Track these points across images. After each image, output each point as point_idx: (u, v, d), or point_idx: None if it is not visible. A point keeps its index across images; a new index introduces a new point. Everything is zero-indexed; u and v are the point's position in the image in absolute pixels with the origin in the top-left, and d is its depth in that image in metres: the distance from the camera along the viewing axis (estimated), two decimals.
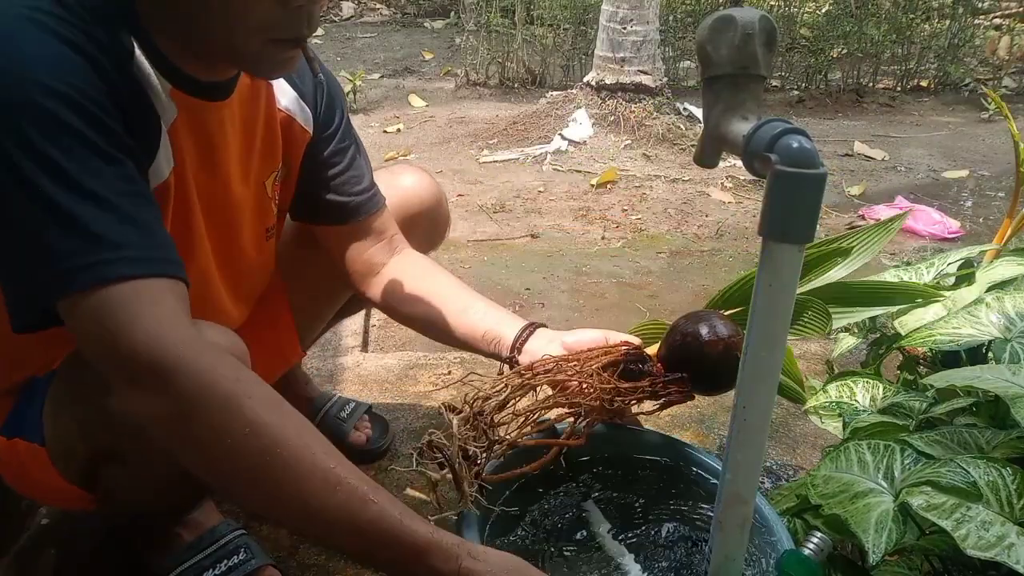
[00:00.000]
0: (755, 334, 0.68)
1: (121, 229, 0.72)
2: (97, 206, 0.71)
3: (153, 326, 0.70)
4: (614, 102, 4.17)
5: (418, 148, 4.11)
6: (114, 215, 0.72)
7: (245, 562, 1.06)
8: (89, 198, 0.71)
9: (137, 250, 0.72)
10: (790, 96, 5.35)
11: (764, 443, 0.73)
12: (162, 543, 1.08)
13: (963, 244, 2.94)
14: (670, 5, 5.61)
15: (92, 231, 0.70)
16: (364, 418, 1.43)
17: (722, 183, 3.58)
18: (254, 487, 0.73)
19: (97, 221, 0.71)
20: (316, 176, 1.09)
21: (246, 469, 0.72)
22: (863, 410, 1.11)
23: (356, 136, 1.15)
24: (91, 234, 0.70)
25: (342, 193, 1.11)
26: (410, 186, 1.25)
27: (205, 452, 0.73)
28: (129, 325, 0.70)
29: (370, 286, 1.16)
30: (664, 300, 2.43)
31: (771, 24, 0.70)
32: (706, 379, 0.95)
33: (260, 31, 0.79)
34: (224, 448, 0.71)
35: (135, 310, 0.70)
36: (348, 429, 1.40)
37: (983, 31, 5.93)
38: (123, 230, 0.72)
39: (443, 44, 6.84)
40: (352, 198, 1.11)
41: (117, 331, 0.70)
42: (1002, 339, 1.03)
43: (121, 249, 0.71)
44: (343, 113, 1.12)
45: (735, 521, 0.76)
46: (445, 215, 1.32)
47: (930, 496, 0.77)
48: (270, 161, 1.02)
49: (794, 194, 0.63)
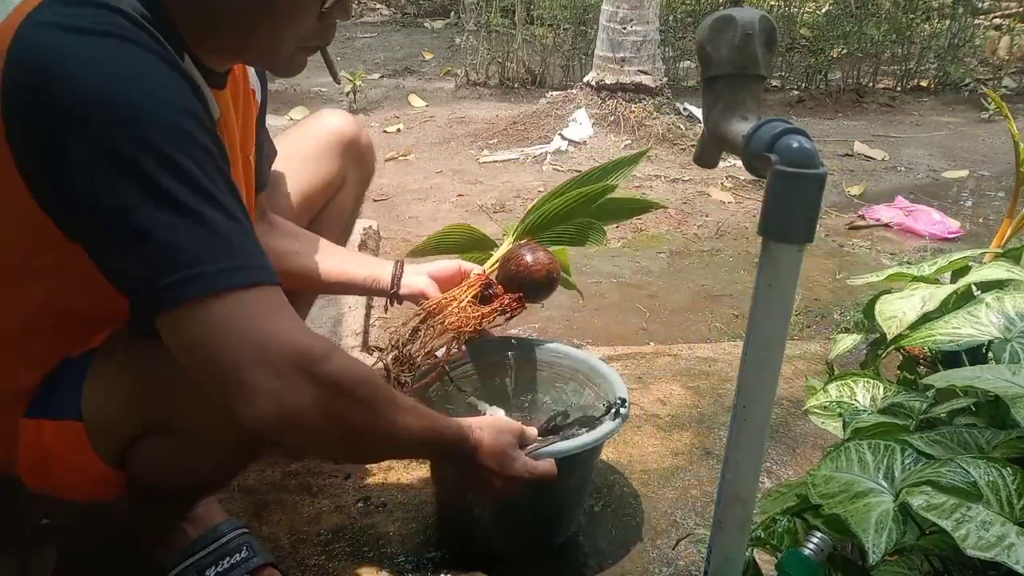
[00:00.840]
0: (755, 334, 0.68)
1: (250, 240, 0.79)
2: (228, 217, 0.76)
3: (294, 325, 0.79)
4: (614, 102, 4.16)
5: (418, 148, 4.11)
6: (240, 226, 0.78)
7: (246, 560, 1.09)
8: (221, 210, 0.76)
9: (261, 259, 0.79)
10: (790, 96, 5.35)
11: (764, 443, 0.73)
12: (165, 539, 1.10)
13: (963, 244, 2.94)
14: (670, 5, 5.61)
15: (229, 239, 0.76)
16: None
17: (722, 183, 3.58)
18: (382, 440, 0.89)
19: (229, 231, 0.76)
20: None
21: (382, 428, 0.87)
22: (863, 410, 1.11)
23: (262, 116, 1.21)
24: (227, 242, 0.76)
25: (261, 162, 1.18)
26: (333, 125, 1.39)
27: (355, 425, 0.84)
28: (277, 324, 0.77)
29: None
30: (664, 300, 2.43)
31: (771, 24, 0.70)
32: (535, 294, 1.29)
33: (297, 41, 0.88)
34: (369, 419, 0.84)
35: (277, 312, 0.78)
36: None
37: (983, 31, 5.93)
38: (250, 241, 0.79)
39: (443, 44, 6.84)
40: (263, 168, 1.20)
41: (268, 328, 0.76)
42: (1002, 339, 1.03)
43: (252, 258, 0.78)
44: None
45: (735, 521, 0.77)
46: (368, 142, 1.45)
47: (930, 496, 0.77)
48: (251, 135, 1.10)
49: (794, 194, 0.63)
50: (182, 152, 0.74)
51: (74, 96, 0.71)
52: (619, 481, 1.39)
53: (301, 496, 1.33)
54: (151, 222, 0.72)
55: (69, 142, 0.72)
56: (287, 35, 0.86)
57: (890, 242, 2.99)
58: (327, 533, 1.25)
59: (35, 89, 0.72)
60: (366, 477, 1.38)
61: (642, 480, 1.40)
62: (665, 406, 1.63)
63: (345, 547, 1.22)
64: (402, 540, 1.24)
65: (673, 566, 1.20)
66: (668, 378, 1.75)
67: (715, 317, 2.34)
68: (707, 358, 1.84)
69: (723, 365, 1.81)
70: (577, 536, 1.26)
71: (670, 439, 1.52)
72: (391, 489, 1.35)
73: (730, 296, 2.49)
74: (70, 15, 0.74)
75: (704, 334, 2.24)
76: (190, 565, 1.08)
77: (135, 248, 0.74)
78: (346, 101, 4.84)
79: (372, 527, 1.26)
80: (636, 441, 1.51)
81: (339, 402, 0.80)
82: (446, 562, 1.20)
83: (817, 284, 2.57)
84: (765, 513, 0.98)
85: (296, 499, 1.32)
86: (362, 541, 1.24)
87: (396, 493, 1.34)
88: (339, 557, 1.20)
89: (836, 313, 2.35)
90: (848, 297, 2.45)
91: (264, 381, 0.75)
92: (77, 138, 0.72)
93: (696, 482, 1.40)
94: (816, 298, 2.47)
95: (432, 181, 3.57)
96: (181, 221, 0.73)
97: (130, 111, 0.72)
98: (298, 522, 1.27)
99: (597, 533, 1.27)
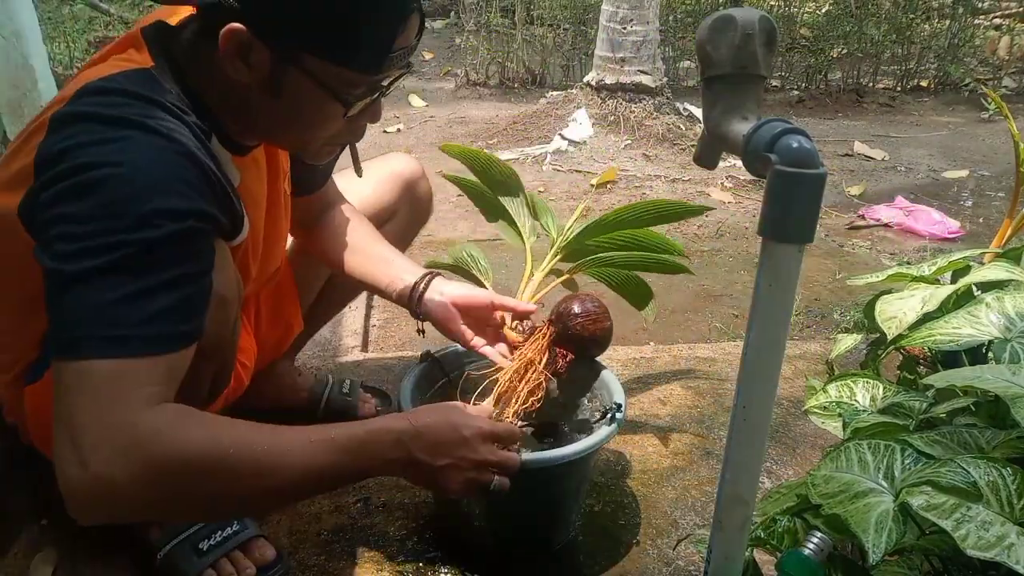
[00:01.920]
0: (755, 334, 0.68)
1: (145, 310, 0.76)
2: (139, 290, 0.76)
3: (135, 402, 0.74)
4: (614, 102, 4.17)
5: (418, 148, 4.11)
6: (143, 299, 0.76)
7: (237, 533, 1.14)
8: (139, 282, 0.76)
9: (146, 328, 0.76)
10: (790, 96, 5.35)
11: (764, 443, 0.73)
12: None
13: (963, 244, 2.94)
14: (670, 5, 5.61)
15: (116, 308, 0.75)
16: (362, 392, 1.56)
17: (722, 183, 3.58)
18: (260, 497, 0.83)
19: (120, 301, 0.75)
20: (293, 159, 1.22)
21: (248, 490, 0.80)
22: (863, 410, 1.11)
23: None
24: (112, 310, 0.74)
25: (309, 170, 1.24)
26: (397, 166, 1.47)
27: (198, 494, 0.78)
28: (113, 403, 0.73)
29: (304, 233, 1.33)
30: (664, 300, 2.43)
31: (771, 24, 0.70)
32: (587, 354, 1.24)
33: (326, 140, 0.98)
34: (218, 486, 0.78)
35: (123, 388, 0.74)
36: (356, 403, 1.52)
37: (983, 31, 5.94)
38: (144, 311, 0.76)
39: (443, 44, 6.84)
40: (314, 175, 1.27)
41: (103, 405, 0.73)
42: (1002, 339, 1.03)
43: (118, 327, 0.75)
44: None
45: (735, 521, 0.76)
46: (427, 188, 1.51)
47: (930, 496, 0.77)
48: (284, 166, 1.16)
49: (794, 194, 0.63)
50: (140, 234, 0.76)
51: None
52: (619, 481, 1.39)
53: None
54: (74, 279, 0.75)
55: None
56: (315, 136, 0.96)
57: (890, 242, 2.99)
58: (327, 533, 1.25)
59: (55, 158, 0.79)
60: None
61: (642, 480, 1.40)
62: (665, 406, 1.63)
63: (345, 547, 1.22)
64: (402, 540, 1.24)
65: (673, 566, 1.20)
66: (668, 378, 1.75)
67: (715, 317, 2.34)
68: (707, 358, 1.84)
69: (723, 365, 1.81)
70: (577, 536, 1.26)
71: (670, 439, 1.52)
72: (391, 489, 1.35)
73: (730, 296, 2.50)
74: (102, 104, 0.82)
75: (704, 334, 2.24)
76: (183, 540, 1.12)
77: (57, 297, 0.76)
78: None
79: (372, 527, 1.26)
80: (636, 441, 1.51)
81: (166, 481, 0.75)
82: (446, 563, 1.20)
83: (817, 284, 2.58)
84: (765, 513, 0.98)
85: None
86: (362, 541, 1.24)
87: (396, 493, 1.34)
88: (339, 557, 1.20)
89: (836, 313, 2.35)
90: (848, 297, 2.45)
91: (80, 454, 0.73)
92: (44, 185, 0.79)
93: (696, 482, 1.40)
94: (816, 298, 2.47)
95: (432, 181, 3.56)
96: (91, 286, 0.75)
97: (114, 194, 0.76)
98: (298, 522, 1.27)
99: (597, 533, 1.27)
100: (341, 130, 0.96)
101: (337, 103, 0.90)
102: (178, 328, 0.78)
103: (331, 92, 0.88)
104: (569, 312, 1.20)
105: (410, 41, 0.91)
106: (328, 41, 0.85)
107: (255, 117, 0.93)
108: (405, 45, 0.90)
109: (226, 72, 0.87)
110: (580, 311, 1.20)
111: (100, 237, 0.75)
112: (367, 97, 0.93)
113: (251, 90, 0.89)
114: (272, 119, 0.93)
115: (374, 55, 0.88)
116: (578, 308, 1.20)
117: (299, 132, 0.95)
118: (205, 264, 0.83)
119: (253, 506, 0.95)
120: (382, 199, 1.42)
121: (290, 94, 0.88)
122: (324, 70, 0.86)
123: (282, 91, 0.88)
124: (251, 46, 0.84)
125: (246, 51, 0.84)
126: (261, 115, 0.92)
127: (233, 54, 0.84)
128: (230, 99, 0.92)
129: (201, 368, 0.96)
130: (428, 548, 1.22)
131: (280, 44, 0.84)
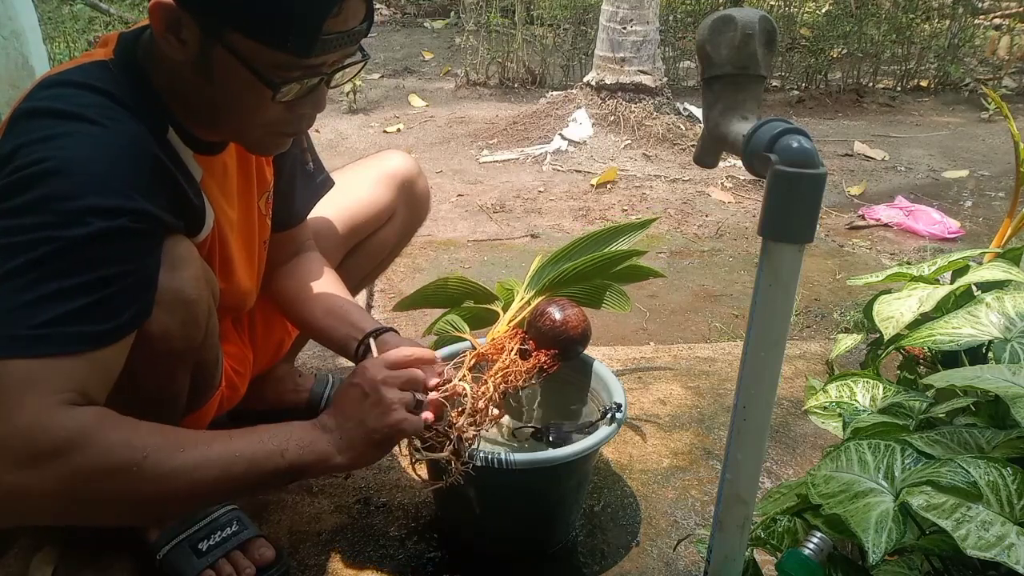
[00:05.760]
0: (755, 334, 0.68)
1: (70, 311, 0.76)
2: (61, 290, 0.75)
3: (43, 405, 0.74)
4: (614, 102, 4.17)
5: (418, 148, 4.11)
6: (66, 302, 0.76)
7: (237, 534, 1.14)
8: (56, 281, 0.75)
9: (63, 326, 0.75)
10: (790, 96, 5.35)
11: (764, 443, 0.73)
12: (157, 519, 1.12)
13: (963, 244, 2.94)
14: (670, 5, 5.61)
15: (36, 307, 0.74)
16: None
17: (722, 183, 3.58)
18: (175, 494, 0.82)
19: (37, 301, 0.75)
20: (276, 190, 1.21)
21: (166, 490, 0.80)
22: (863, 410, 1.11)
23: (296, 155, 1.23)
24: (29, 309, 0.74)
25: (284, 203, 1.24)
26: (393, 166, 1.44)
27: (112, 497, 0.78)
28: (23, 405, 0.73)
29: (269, 272, 1.27)
30: (664, 300, 2.43)
31: (771, 24, 0.70)
32: (570, 351, 1.23)
33: (265, 127, 0.94)
34: (133, 486, 0.78)
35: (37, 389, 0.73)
36: None
37: (983, 31, 5.94)
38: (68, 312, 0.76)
39: (443, 44, 6.84)
40: (290, 210, 1.25)
41: (6, 411, 0.72)
42: (1002, 339, 1.03)
43: (32, 327, 0.74)
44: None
45: (735, 521, 0.77)
46: (424, 187, 1.49)
47: (930, 496, 0.77)
48: (262, 184, 1.15)
49: (794, 194, 0.63)
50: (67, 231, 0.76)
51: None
52: (619, 481, 1.39)
53: (301, 496, 1.33)
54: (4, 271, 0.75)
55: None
56: (250, 122, 0.93)
57: (890, 242, 2.99)
58: (327, 533, 1.25)
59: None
60: (367, 478, 1.38)
61: (642, 480, 1.40)
62: (665, 406, 1.63)
63: (345, 547, 1.22)
64: (402, 540, 1.24)
65: (673, 566, 1.20)
66: (668, 378, 1.75)
67: (715, 317, 2.34)
68: (707, 358, 1.84)
69: (723, 365, 1.81)
70: (577, 536, 1.26)
71: (670, 439, 1.52)
72: (392, 489, 1.35)
73: (730, 296, 2.49)
74: (45, 97, 0.83)
75: (704, 334, 2.24)
76: (183, 540, 1.12)
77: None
78: (346, 101, 4.84)
79: (372, 527, 1.26)
80: (636, 441, 1.51)
81: (79, 486, 0.75)
82: (446, 563, 1.20)
83: (817, 284, 2.58)
84: (765, 513, 0.98)
85: (296, 499, 1.32)
86: (362, 541, 1.24)
87: (396, 494, 1.34)
88: (339, 557, 1.20)
89: (836, 313, 2.35)
90: (848, 297, 2.45)
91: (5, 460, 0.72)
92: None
93: (696, 482, 1.40)
94: (816, 298, 2.47)
95: (432, 181, 3.57)
96: (9, 284, 0.74)
97: (50, 190, 0.77)
98: (298, 522, 1.27)
99: (597, 533, 1.27)
100: (280, 118, 0.93)
101: (264, 86, 0.86)
102: (97, 327, 0.78)
103: (257, 74, 0.85)
104: (538, 314, 1.23)
105: (348, 25, 0.86)
106: (253, 19, 0.82)
107: (196, 102, 0.92)
108: (342, 29, 0.86)
109: (162, 50, 0.86)
110: (547, 311, 1.23)
111: (28, 233, 0.75)
112: (300, 82, 0.89)
113: (188, 70, 0.88)
114: (209, 103, 0.91)
115: (303, 37, 0.84)
116: (545, 308, 1.24)
117: (233, 117, 0.92)
118: (137, 264, 0.82)
119: (176, 507, 0.90)
120: (380, 200, 1.42)
121: (220, 75, 0.87)
122: (250, 49, 0.84)
123: (213, 71, 0.86)
124: (180, 20, 0.83)
125: (176, 26, 0.84)
126: (201, 100, 0.91)
127: (164, 29, 0.84)
128: (175, 84, 0.91)
129: (174, 370, 0.96)
130: (428, 548, 1.22)
131: (207, 20, 0.83)
